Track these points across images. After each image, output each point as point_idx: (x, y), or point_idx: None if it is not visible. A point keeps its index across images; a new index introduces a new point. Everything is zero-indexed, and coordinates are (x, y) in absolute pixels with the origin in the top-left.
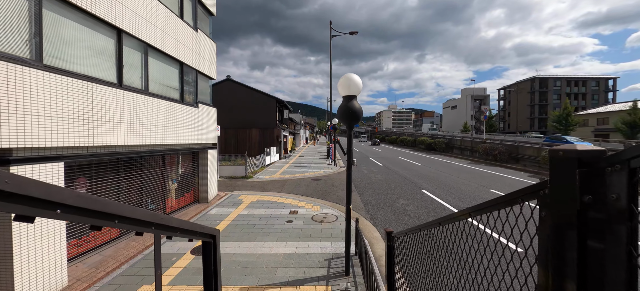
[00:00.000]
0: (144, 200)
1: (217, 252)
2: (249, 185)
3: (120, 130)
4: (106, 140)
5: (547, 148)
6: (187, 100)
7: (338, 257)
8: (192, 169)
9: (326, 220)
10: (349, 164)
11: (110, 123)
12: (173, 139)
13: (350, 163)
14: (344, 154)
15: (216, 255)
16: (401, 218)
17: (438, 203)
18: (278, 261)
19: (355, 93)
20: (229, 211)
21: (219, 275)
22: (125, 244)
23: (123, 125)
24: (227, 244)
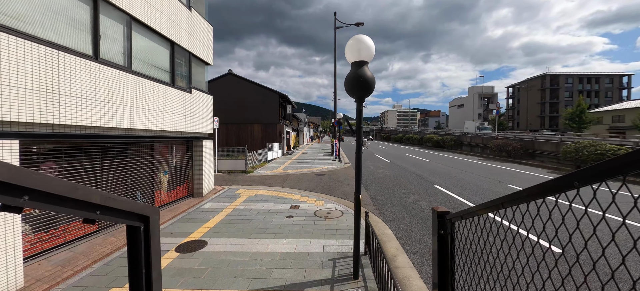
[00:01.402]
0: (129, 192)
1: (151, 241)
2: (248, 180)
3: (96, 109)
4: (78, 119)
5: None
6: (178, 84)
7: (344, 257)
8: (185, 161)
9: (331, 215)
10: (358, 145)
11: (83, 101)
12: (162, 125)
13: (360, 144)
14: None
15: (149, 245)
16: (414, 215)
17: (454, 199)
18: (274, 261)
19: (367, 58)
20: (224, 205)
21: (153, 275)
22: (102, 240)
23: (100, 104)
24: (217, 241)
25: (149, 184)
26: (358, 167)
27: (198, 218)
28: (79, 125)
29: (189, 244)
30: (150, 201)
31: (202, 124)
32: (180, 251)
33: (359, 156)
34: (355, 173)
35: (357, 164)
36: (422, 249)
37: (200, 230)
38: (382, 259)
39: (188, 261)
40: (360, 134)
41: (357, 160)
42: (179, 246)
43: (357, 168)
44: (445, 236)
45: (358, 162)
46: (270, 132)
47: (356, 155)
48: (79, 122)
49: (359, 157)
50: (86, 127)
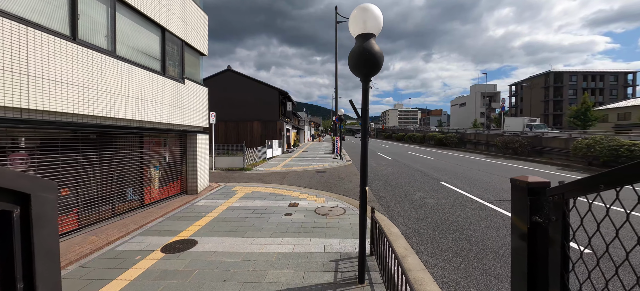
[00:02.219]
0: (115, 188)
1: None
2: (246, 177)
3: (74, 95)
4: (52, 105)
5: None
6: (170, 74)
7: (348, 258)
8: (179, 156)
9: (332, 213)
10: (364, 130)
11: (59, 84)
12: (152, 116)
13: (366, 129)
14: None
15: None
16: (422, 212)
17: (463, 196)
18: (269, 262)
19: (373, 30)
20: (218, 202)
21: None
22: (82, 238)
23: (79, 90)
24: (208, 240)
25: (138, 180)
26: (364, 156)
27: (190, 215)
28: (54, 111)
29: (177, 243)
30: (139, 198)
31: (196, 117)
32: (166, 251)
33: (365, 143)
34: (361, 163)
35: (362, 153)
36: (434, 249)
37: (191, 229)
38: (393, 260)
39: (173, 263)
40: (366, 119)
41: (363, 147)
42: (165, 246)
43: (363, 158)
44: (543, 227)
45: (364, 149)
46: (270, 130)
47: (362, 142)
48: (55, 107)
49: (365, 144)
50: (63, 114)
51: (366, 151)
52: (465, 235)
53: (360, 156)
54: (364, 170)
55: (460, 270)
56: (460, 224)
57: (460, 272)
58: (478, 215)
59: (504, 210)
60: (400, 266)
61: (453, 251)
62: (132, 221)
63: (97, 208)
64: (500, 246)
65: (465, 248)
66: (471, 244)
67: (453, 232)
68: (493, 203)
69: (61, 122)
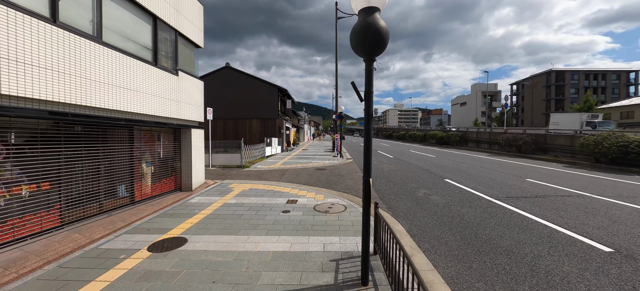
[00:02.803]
0: (102, 183)
1: None
2: (244, 174)
3: (55, 81)
4: (29, 91)
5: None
6: (162, 64)
7: (349, 257)
8: (173, 152)
9: (332, 210)
10: (368, 116)
11: (36, 69)
12: (142, 107)
13: (370, 115)
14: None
15: None
16: (427, 209)
17: (469, 193)
18: (264, 261)
19: (378, 4)
20: (213, 199)
21: None
22: (64, 236)
23: (61, 76)
24: (199, 238)
25: (128, 175)
26: (368, 145)
27: (182, 213)
28: (31, 97)
29: (165, 242)
30: (129, 194)
31: (191, 111)
32: (153, 250)
33: (368, 129)
34: (364, 152)
35: (366, 141)
36: (442, 248)
37: (182, 226)
38: (401, 260)
39: (160, 263)
40: (371, 103)
41: (366, 134)
42: (152, 244)
43: (367, 147)
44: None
45: (368, 136)
46: (269, 128)
47: (365, 128)
48: (31, 94)
49: (368, 130)
50: (42, 101)
51: (370, 139)
52: (474, 233)
53: (364, 144)
54: (367, 160)
55: (472, 270)
56: (468, 221)
57: (473, 273)
58: (487, 212)
59: (514, 208)
60: (411, 267)
61: (463, 250)
62: (120, 218)
63: (82, 204)
64: (514, 245)
65: (476, 246)
66: (482, 242)
67: (461, 230)
68: (501, 200)
69: (39, 111)
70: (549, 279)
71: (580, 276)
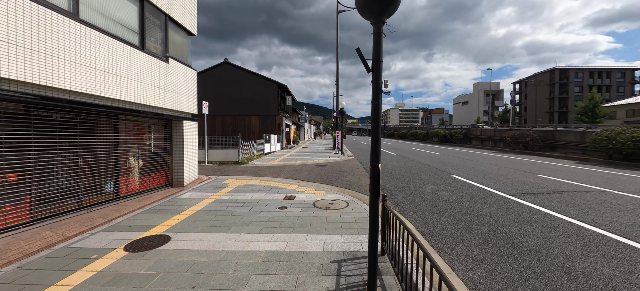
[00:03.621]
0: (81, 176)
1: None
2: (240, 170)
3: (17, 57)
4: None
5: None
6: (150, 49)
7: (353, 258)
8: (163, 145)
9: (333, 206)
10: (376, 90)
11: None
12: (128, 94)
13: (379, 89)
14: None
15: None
16: (437, 206)
17: (480, 189)
18: (254, 263)
19: None
20: (205, 195)
21: None
22: (33, 233)
23: (24, 52)
24: (184, 236)
25: (112, 168)
26: (376, 125)
27: (169, 209)
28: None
29: (146, 240)
30: (114, 189)
31: (183, 102)
32: (131, 249)
33: (377, 105)
34: (372, 133)
35: (373, 120)
36: (459, 247)
37: (167, 223)
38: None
39: (135, 264)
40: (379, 74)
41: (374, 111)
42: (131, 243)
43: (375, 127)
44: None
45: (376, 115)
46: (269, 124)
47: (373, 105)
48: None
49: (377, 106)
50: (4, 80)
51: (378, 118)
52: (493, 231)
53: (371, 123)
54: (375, 143)
55: (497, 273)
56: (484, 219)
57: (498, 277)
58: (502, 208)
59: (533, 204)
60: (437, 271)
61: (483, 250)
62: (101, 214)
63: (57, 199)
64: (540, 244)
65: (497, 246)
66: (503, 241)
67: (478, 228)
68: (516, 196)
69: (4, 92)
70: (591, 285)
71: (626, 281)
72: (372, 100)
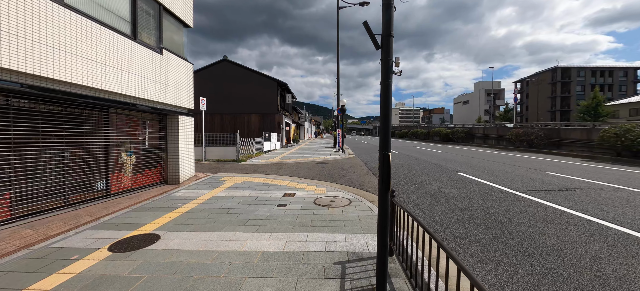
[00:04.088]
0: (70, 172)
1: None
2: (239, 168)
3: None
4: None
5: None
6: (143, 39)
7: (358, 260)
8: (158, 140)
9: (335, 203)
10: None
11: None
12: (118, 86)
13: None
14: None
15: None
16: (444, 203)
17: (488, 186)
18: (250, 265)
19: None
20: (200, 193)
21: None
22: (11, 233)
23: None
24: (175, 236)
25: (102, 164)
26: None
27: (162, 206)
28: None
29: (133, 240)
30: (104, 186)
31: (179, 96)
32: (116, 249)
33: (387, 85)
34: (381, 118)
35: (384, 102)
36: (473, 247)
37: (158, 221)
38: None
39: (118, 265)
40: (390, 51)
41: (384, 92)
42: (116, 242)
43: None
44: None
45: (386, 96)
46: (268, 123)
47: (382, 86)
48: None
49: (387, 86)
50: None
51: (389, 99)
52: (508, 230)
53: (380, 108)
54: (385, 129)
55: (519, 276)
56: (496, 217)
57: (521, 280)
58: (515, 206)
59: (546, 201)
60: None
61: (500, 250)
62: (88, 212)
63: (41, 195)
64: (561, 244)
65: (515, 246)
66: (521, 241)
67: (491, 226)
68: (527, 194)
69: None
70: (627, 289)
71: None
72: (381, 80)
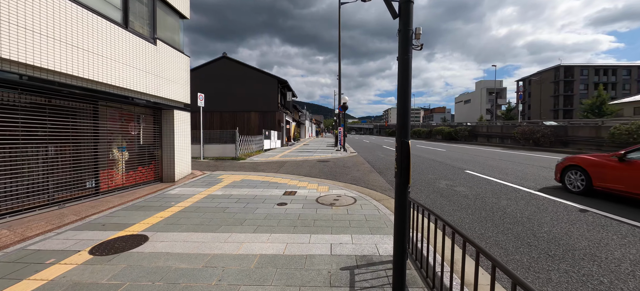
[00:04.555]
0: (55, 168)
1: None
2: (238, 166)
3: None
4: None
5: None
6: (135, 28)
7: (369, 264)
8: (152, 136)
9: (339, 202)
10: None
11: None
12: (108, 77)
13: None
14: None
15: None
16: (455, 202)
17: (500, 185)
18: (246, 270)
19: None
20: (196, 191)
21: None
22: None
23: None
24: (164, 237)
25: (91, 160)
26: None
27: (153, 205)
28: None
29: (118, 241)
30: (94, 183)
31: (174, 90)
32: (97, 252)
33: (406, 60)
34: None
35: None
36: (495, 250)
37: (147, 221)
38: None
39: (97, 271)
40: (409, 17)
41: (403, 67)
42: (99, 244)
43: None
44: None
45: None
46: (268, 121)
47: (400, 61)
48: None
49: (406, 61)
50: None
51: (408, 77)
52: (531, 231)
53: (398, 88)
54: (404, 113)
55: (554, 284)
56: (515, 216)
57: (557, 288)
58: (532, 205)
59: (566, 201)
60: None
61: (527, 253)
62: (74, 211)
63: (22, 193)
64: (593, 246)
65: (542, 249)
66: (548, 243)
67: (511, 227)
68: (543, 192)
69: None
70: None
71: None
72: (399, 54)
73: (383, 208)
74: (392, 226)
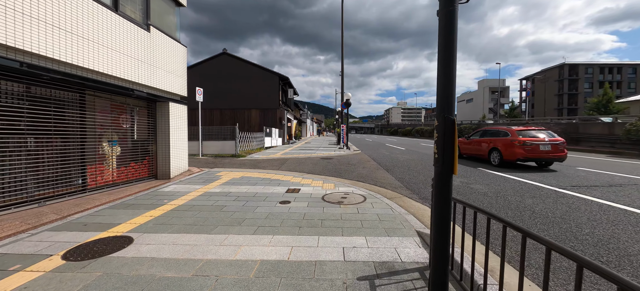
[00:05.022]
0: (35, 162)
1: None
2: (237, 163)
3: None
4: None
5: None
6: (126, 12)
7: (391, 273)
8: (147, 130)
9: (347, 200)
10: None
11: None
12: (96, 63)
13: None
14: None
15: None
16: (476, 200)
17: (520, 182)
18: (244, 280)
19: None
20: (192, 188)
21: None
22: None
23: None
24: (151, 238)
25: (77, 155)
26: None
27: (144, 203)
28: None
29: (97, 244)
30: (81, 180)
31: (170, 80)
32: (71, 257)
33: (450, 12)
34: (439, 64)
35: (443, 40)
36: (535, 256)
37: (135, 221)
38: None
39: (67, 280)
40: None
41: (445, 23)
42: (76, 247)
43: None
44: None
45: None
46: (269, 118)
47: (441, 14)
48: None
49: (450, 13)
50: None
51: (453, 34)
52: (571, 233)
53: (438, 47)
54: (448, 81)
55: None
56: (546, 216)
57: None
58: (562, 204)
59: (597, 198)
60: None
61: None
62: (55, 209)
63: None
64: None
65: (590, 254)
66: (595, 247)
67: (546, 228)
68: (569, 190)
69: None
70: None
71: None
72: (440, 6)
73: (397, 207)
74: (411, 228)
